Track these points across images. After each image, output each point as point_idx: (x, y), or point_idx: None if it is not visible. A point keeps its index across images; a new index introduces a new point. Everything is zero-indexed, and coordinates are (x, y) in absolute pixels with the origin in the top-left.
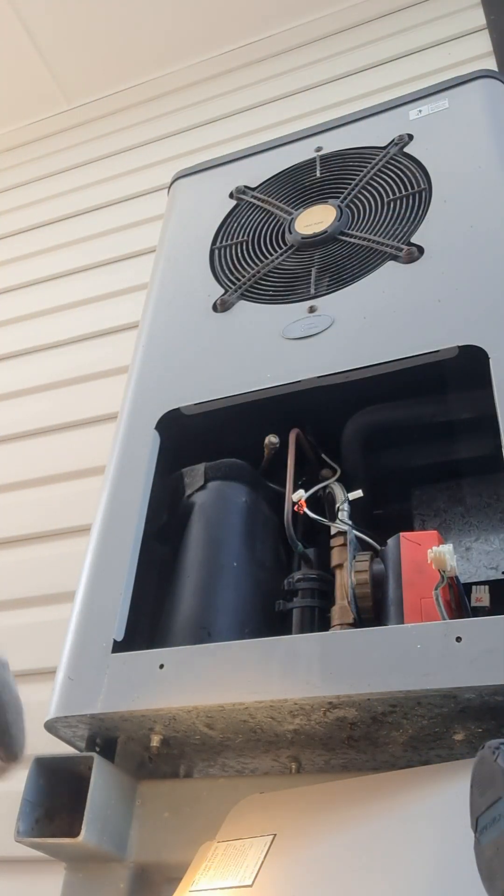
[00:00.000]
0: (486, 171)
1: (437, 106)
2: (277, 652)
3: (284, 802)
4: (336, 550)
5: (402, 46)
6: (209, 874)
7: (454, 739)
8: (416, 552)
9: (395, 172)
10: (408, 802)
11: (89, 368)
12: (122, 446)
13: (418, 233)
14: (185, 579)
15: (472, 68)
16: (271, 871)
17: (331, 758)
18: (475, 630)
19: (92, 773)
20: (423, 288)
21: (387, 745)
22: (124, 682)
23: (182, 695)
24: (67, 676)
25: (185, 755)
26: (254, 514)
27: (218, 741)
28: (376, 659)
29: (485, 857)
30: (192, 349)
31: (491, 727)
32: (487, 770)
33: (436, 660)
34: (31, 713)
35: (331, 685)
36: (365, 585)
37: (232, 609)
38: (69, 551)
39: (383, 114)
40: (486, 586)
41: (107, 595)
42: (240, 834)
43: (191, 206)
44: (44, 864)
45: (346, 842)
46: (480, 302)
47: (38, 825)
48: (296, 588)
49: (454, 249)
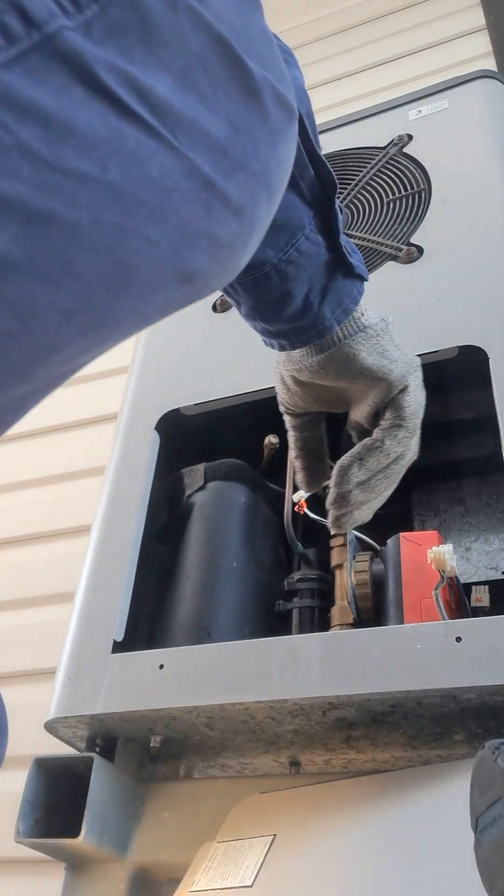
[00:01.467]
0: (486, 171)
1: (436, 106)
2: (277, 652)
3: (284, 803)
4: (336, 551)
5: (401, 47)
6: (209, 875)
7: (454, 739)
8: (416, 552)
9: (395, 172)
10: (408, 802)
11: (89, 368)
12: (121, 446)
13: (418, 233)
14: (185, 579)
15: (471, 68)
16: (271, 871)
17: (331, 758)
18: (475, 630)
19: (92, 773)
20: (423, 288)
21: (387, 745)
22: (124, 682)
23: (182, 695)
24: (67, 677)
25: (184, 755)
26: (254, 515)
27: (218, 741)
28: (376, 659)
29: (485, 857)
30: (192, 349)
31: (491, 727)
32: (487, 770)
33: (436, 660)
34: (32, 713)
35: (331, 685)
36: (365, 586)
37: (232, 609)
38: (69, 551)
39: (383, 114)
40: (485, 586)
41: (107, 595)
42: (240, 834)
43: None
44: (44, 865)
45: (346, 842)
46: (480, 302)
47: (37, 826)
48: (296, 588)
49: (454, 249)
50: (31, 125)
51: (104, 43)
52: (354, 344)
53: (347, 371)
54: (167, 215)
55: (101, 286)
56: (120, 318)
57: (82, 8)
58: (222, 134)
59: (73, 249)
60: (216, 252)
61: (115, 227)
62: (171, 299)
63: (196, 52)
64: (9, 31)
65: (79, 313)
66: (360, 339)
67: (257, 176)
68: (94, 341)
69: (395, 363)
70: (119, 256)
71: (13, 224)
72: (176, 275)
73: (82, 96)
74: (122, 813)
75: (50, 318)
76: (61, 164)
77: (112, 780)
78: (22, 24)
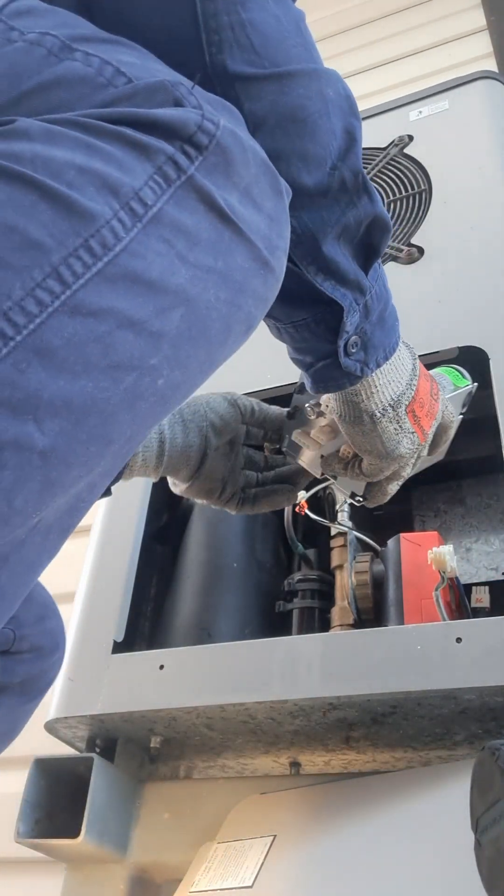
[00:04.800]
0: (486, 171)
1: (437, 107)
2: (277, 653)
3: (284, 803)
4: (336, 551)
5: (402, 47)
6: (209, 875)
7: (454, 740)
8: (417, 553)
9: (396, 173)
10: (408, 803)
11: None
12: None
13: (419, 233)
14: (186, 580)
15: (472, 69)
16: (271, 871)
17: (331, 759)
18: (475, 631)
19: (92, 773)
20: (424, 288)
21: (387, 746)
22: (124, 682)
23: (182, 695)
24: (68, 677)
25: (185, 756)
26: (254, 515)
27: (218, 742)
28: (376, 660)
29: (485, 858)
30: None
31: (491, 728)
32: (487, 771)
33: (436, 661)
34: (31, 713)
35: (331, 686)
36: (365, 586)
37: (232, 610)
38: (69, 551)
39: (384, 115)
40: (486, 587)
41: (107, 595)
42: (240, 835)
43: None
44: (44, 865)
45: (346, 842)
46: (480, 302)
47: (38, 826)
48: (296, 589)
49: (454, 250)
50: (182, 239)
51: (210, 177)
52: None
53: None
54: (245, 288)
55: (217, 343)
56: (216, 359)
57: (197, 158)
58: (265, 225)
59: (210, 319)
60: (264, 308)
61: (228, 302)
62: (237, 345)
63: (253, 174)
64: (168, 177)
65: (209, 362)
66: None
67: (285, 250)
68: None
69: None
70: (228, 318)
71: (181, 307)
72: (244, 328)
73: (203, 213)
74: (122, 813)
75: (196, 373)
76: (197, 262)
77: (112, 780)
78: (175, 171)
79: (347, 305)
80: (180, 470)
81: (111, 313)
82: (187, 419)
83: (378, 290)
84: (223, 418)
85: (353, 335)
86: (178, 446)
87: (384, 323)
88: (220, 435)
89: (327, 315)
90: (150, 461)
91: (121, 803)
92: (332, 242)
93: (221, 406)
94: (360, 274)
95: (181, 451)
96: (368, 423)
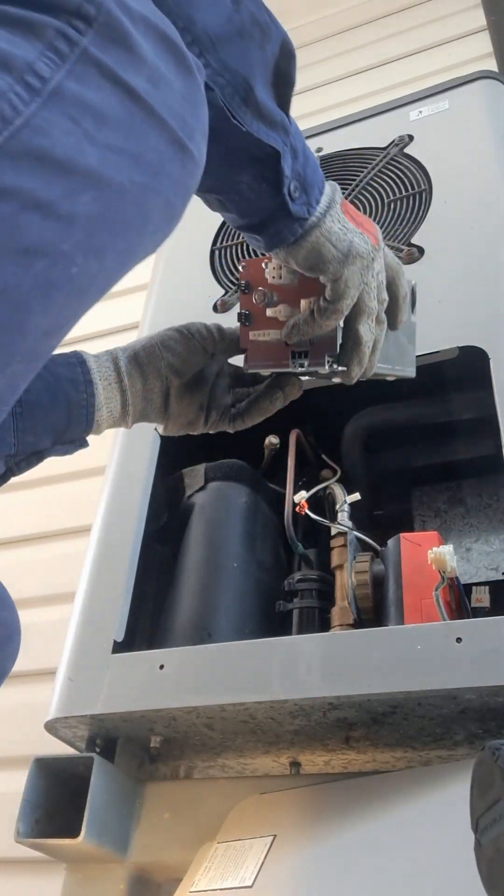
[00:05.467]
0: (486, 171)
1: (437, 107)
2: (278, 653)
3: (284, 803)
4: (336, 551)
5: (402, 47)
6: (209, 875)
7: (454, 740)
8: (417, 553)
9: (396, 173)
10: (408, 803)
11: None
12: (122, 446)
13: (419, 233)
14: (186, 580)
15: (472, 69)
16: (271, 871)
17: (331, 759)
18: (475, 631)
19: (92, 773)
20: (424, 288)
21: (387, 745)
22: (124, 682)
23: (182, 695)
24: (68, 677)
25: (185, 756)
26: (254, 515)
27: (218, 742)
28: (376, 660)
29: (485, 858)
30: None
31: (491, 728)
32: (487, 771)
33: (436, 661)
34: (32, 713)
35: (331, 686)
36: (365, 586)
37: (232, 610)
38: (69, 551)
39: (384, 114)
40: (486, 587)
41: (107, 595)
42: (240, 834)
43: (191, 206)
44: (44, 865)
45: (346, 842)
46: (480, 302)
47: (38, 826)
48: (296, 589)
49: (455, 250)
50: (88, 117)
51: (108, 53)
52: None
53: None
54: (161, 171)
55: (134, 231)
56: (135, 250)
57: (87, 31)
58: (177, 104)
59: (124, 203)
60: (184, 195)
61: (143, 186)
62: (159, 235)
63: (153, 49)
64: (60, 51)
65: (128, 252)
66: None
67: (203, 133)
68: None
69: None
70: (144, 204)
71: (92, 189)
72: (165, 217)
73: (109, 89)
74: (121, 813)
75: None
76: (108, 142)
77: (112, 780)
78: (67, 45)
79: (281, 148)
80: (149, 415)
81: (16, 193)
82: (144, 364)
83: (294, 125)
84: (180, 356)
85: (293, 180)
86: (139, 393)
87: (308, 160)
88: (181, 374)
89: (265, 170)
90: (115, 412)
91: (121, 803)
92: (261, 86)
93: (179, 344)
94: (280, 113)
95: (143, 397)
96: (313, 237)
